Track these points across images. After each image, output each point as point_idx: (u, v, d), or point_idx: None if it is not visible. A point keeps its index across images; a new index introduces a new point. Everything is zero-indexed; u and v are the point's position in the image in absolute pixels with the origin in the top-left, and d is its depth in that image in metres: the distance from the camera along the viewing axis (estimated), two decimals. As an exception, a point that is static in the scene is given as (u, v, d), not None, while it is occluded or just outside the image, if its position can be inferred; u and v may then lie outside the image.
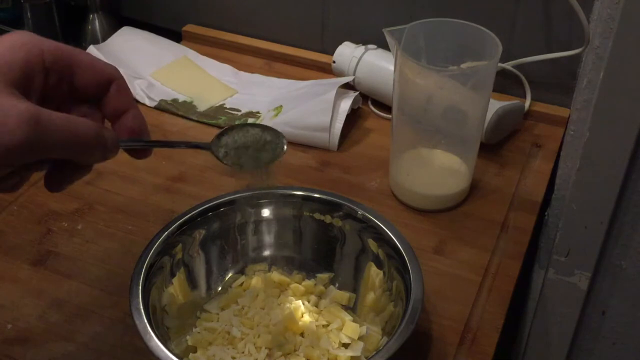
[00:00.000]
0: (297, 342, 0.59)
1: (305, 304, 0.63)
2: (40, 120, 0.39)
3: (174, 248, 0.61)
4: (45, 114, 0.40)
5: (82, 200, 0.76)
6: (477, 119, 0.73)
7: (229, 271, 0.66)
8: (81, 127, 0.42)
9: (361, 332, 0.61)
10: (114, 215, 0.75)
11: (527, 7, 0.84)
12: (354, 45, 0.91)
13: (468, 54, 0.70)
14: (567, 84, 0.87)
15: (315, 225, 0.65)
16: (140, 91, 0.90)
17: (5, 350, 0.61)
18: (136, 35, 0.99)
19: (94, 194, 0.77)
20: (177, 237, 0.61)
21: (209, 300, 0.64)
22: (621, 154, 0.70)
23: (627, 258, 0.79)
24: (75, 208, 0.75)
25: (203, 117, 0.88)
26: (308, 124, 0.83)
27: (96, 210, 0.75)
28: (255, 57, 1.00)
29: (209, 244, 0.64)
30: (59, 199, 0.76)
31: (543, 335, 0.88)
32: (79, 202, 0.76)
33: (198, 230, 0.63)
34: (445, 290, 0.67)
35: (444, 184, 0.76)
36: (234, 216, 0.65)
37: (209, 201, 0.64)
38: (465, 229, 0.74)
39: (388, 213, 0.70)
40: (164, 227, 0.61)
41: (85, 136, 0.42)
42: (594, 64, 0.71)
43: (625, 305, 0.83)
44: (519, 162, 0.83)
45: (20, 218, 0.74)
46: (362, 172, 0.81)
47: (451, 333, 0.63)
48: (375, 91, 0.89)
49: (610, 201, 0.73)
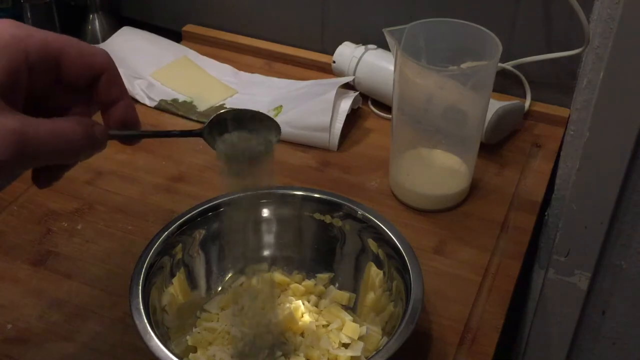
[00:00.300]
0: (297, 342, 0.59)
1: (305, 304, 0.63)
2: (26, 137, 0.39)
3: (174, 248, 0.61)
4: (31, 128, 0.39)
5: (82, 200, 0.76)
6: (477, 119, 0.73)
7: (229, 271, 0.66)
8: (69, 133, 0.41)
9: (361, 332, 0.61)
10: (114, 215, 0.75)
11: (527, 7, 0.84)
12: (354, 45, 0.91)
13: (468, 54, 0.70)
14: (567, 84, 0.87)
15: (315, 225, 0.65)
16: (140, 91, 0.90)
17: (5, 350, 0.61)
18: (136, 35, 0.99)
19: (94, 194, 0.77)
20: (177, 237, 0.61)
21: (209, 300, 0.64)
22: (621, 154, 0.70)
23: (627, 258, 0.79)
24: (75, 208, 0.75)
25: (203, 117, 0.88)
26: (308, 124, 0.83)
27: (96, 210, 0.75)
28: (255, 57, 1.00)
29: (209, 244, 0.64)
30: (59, 199, 0.76)
31: (543, 335, 0.88)
32: (78, 202, 0.76)
33: (198, 230, 0.63)
34: (445, 290, 0.67)
35: (444, 184, 0.76)
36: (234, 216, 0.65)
37: (209, 201, 0.64)
38: (465, 229, 0.74)
39: (388, 213, 0.70)
40: (164, 227, 0.61)
41: (73, 141, 0.41)
42: (594, 64, 0.71)
43: (625, 305, 0.83)
44: (519, 162, 0.83)
45: (20, 218, 0.74)
46: (362, 172, 0.81)
47: (451, 333, 0.63)
48: (375, 91, 0.89)
49: (610, 201, 0.73)
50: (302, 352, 0.59)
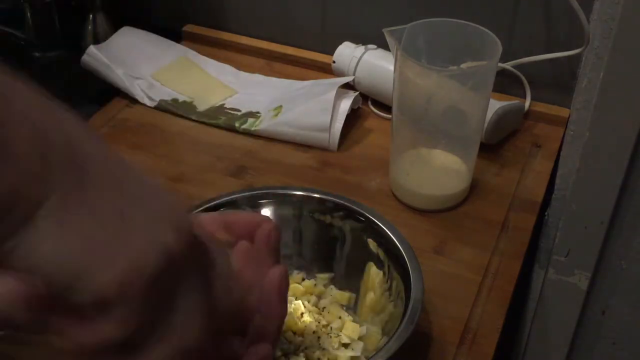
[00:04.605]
0: (297, 342, 0.59)
1: (305, 304, 0.63)
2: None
3: (174, 248, 0.61)
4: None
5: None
6: (477, 119, 0.73)
7: (229, 271, 0.66)
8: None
9: (361, 332, 0.61)
10: (114, 215, 0.74)
11: (527, 7, 0.84)
12: (354, 45, 0.91)
13: (468, 54, 0.70)
14: (567, 84, 0.87)
15: (315, 225, 0.65)
16: (140, 91, 0.90)
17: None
18: (136, 35, 0.99)
19: (94, 194, 0.77)
20: (177, 237, 0.61)
21: (209, 300, 0.64)
22: (621, 154, 0.70)
23: (627, 258, 0.79)
24: (75, 208, 0.75)
25: (203, 117, 0.88)
26: (308, 124, 0.83)
27: (96, 210, 0.75)
28: (255, 57, 1.00)
29: (209, 244, 0.64)
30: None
31: (543, 335, 0.88)
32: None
33: (198, 230, 0.63)
34: (445, 290, 0.67)
35: (444, 184, 0.76)
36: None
37: (209, 201, 0.64)
38: (465, 229, 0.74)
39: (388, 213, 0.70)
40: (164, 227, 0.61)
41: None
42: (594, 64, 0.71)
43: (625, 305, 0.83)
44: (519, 162, 0.83)
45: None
46: (362, 172, 0.81)
47: (451, 333, 0.63)
48: (375, 91, 0.89)
49: (610, 201, 0.73)
50: (302, 352, 0.59)
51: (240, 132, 0.86)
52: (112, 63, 0.90)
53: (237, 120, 0.87)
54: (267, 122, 0.85)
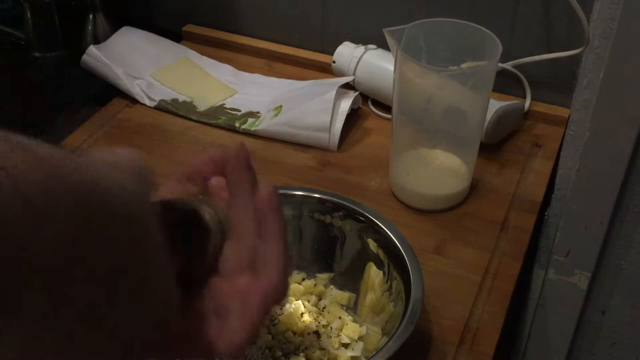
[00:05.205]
0: (297, 342, 0.60)
1: (305, 304, 0.63)
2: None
3: (174, 248, 0.61)
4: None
5: (82, 200, 0.76)
6: (477, 119, 0.73)
7: (229, 271, 0.66)
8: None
9: (361, 332, 0.61)
10: (114, 215, 0.74)
11: (527, 7, 0.84)
12: (354, 45, 0.91)
13: (468, 54, 0.70)
14: (567, 84, 0.87)
15: (315, 225, 0.65)
16: (140, 91, 0.90)
17: None
18: (136, 35, 0.99)
19: (94, 194, 0.77)
20: (177, 237, 0.61)
21: (209, 300, 0.64)
22: (621, 154, 0.70)
23: (627, 258, 0.79)
24: (75, 208, 0.75)
25: (203, 117, 0.88)
26: (308, 124, 0.83)
27: (96, 210, 0.75)
28: (255, 57, 1.00)
29: (209, 244, 0.64)
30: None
31: (543, 335, 0.88)
32: (79, 202, 0.76)
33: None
34: (445, 290, 0.67)
35: (444, 184, 0.76)
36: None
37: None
38: (465, 229, 0.74)
39: (388, 213, 0.70)
40: (164, 227, 0.61)
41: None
42: (594, 64, 0.71)
43: (625, 305, 0.83)
44: (519, 162, 0.83)
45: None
46: (362, 172, 0.81)
47: (451, 333, 0.63)
48: (375, 91, 0.89)
49: (610, 201, 0.73)
50: (302, 352, 0.59)
51: (240, 132, 0.86)
52: (112, 63, 0.90)
53: (237, 120, 0.87)
54: (267, 122, 0.85)
